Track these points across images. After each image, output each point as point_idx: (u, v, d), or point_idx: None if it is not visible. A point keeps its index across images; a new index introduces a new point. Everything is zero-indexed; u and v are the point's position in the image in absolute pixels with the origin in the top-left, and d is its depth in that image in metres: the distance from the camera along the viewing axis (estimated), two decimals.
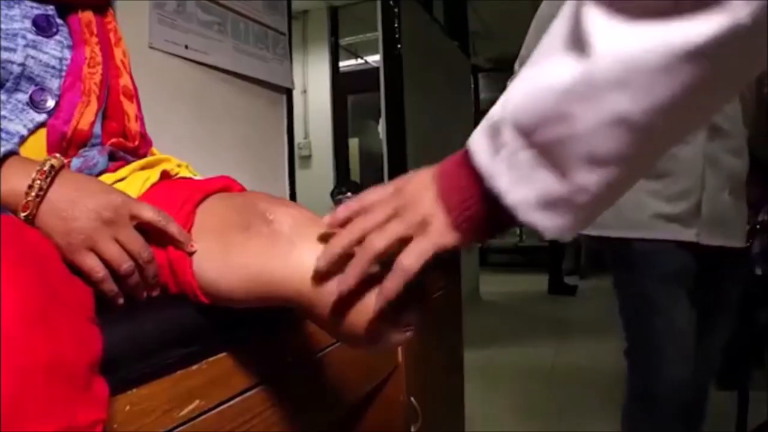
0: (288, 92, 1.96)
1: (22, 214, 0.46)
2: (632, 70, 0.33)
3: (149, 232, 0.51)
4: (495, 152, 0.40)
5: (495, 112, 0.41)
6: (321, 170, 4.28)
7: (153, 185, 0.58)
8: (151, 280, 0.51)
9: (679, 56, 0.32)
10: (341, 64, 4.51)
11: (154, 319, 0.49)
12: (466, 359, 1.41)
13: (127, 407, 0.43)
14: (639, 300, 1.21)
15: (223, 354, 0.53)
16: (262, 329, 0.58)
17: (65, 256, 0.46)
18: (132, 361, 0.44)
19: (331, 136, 4.36)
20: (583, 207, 0.39)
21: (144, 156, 0.68)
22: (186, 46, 1.54)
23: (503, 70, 6.39)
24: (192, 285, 0.50)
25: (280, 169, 1.94)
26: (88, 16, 0.63)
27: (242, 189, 0.60)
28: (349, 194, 3.77)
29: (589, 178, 0.37)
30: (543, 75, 0.38)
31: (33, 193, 0.46)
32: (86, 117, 0.59)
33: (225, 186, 0.58)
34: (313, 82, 4.41)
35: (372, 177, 4.58)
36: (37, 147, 0.56)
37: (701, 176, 1.18)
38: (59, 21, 0.60)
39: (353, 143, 4.80)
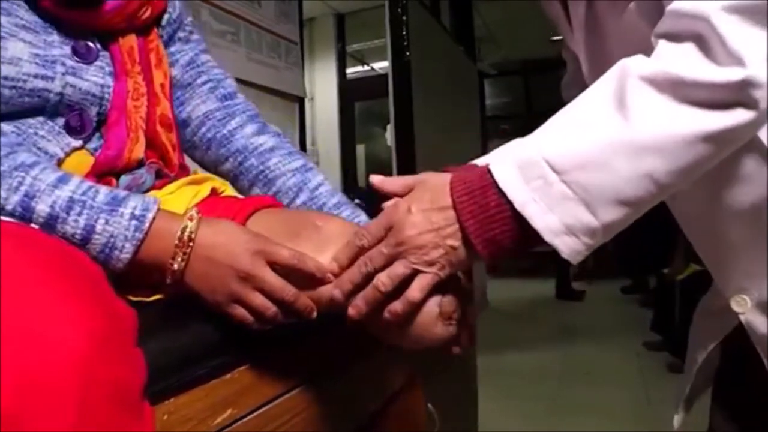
0: (300, 100, 1.97)
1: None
2: (666, 141, 0.43)
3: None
4: (526, 182, 0.46)
5: (528, 145, 0.47)
6: (328, 177, 4.26)
7: (203, 200, 0.59)
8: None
9: (700, 137, 0.42)
10: (348, 70, 4.52)
11: (189, 331, 0.50)
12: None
13: (165, 416, 0.44)
14: None
15: (254, 363, 0.54)
16: (289, 339, 0.59)
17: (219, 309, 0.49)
18: (170, 372, 0.45)
19: (338, 143, 4.37)
20: (598, 236, 0.47)
21: None
22: None
23: (508, 75, 6.42)
24: None
25: None
26: (129, 41, 0.60)
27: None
28: (356, 201, 3.78)
29: (611, 215, 0.45)
30: (586, 125, 0.46)
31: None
32: (135, 153, 0.59)
33: (271, 203, 0.59)
34: (319, 89, 4.42)
35: None
36: (72, 168, 0.54)
37: None
38: (99, 47, 0.57)
39: (360, 150, 4.80)
